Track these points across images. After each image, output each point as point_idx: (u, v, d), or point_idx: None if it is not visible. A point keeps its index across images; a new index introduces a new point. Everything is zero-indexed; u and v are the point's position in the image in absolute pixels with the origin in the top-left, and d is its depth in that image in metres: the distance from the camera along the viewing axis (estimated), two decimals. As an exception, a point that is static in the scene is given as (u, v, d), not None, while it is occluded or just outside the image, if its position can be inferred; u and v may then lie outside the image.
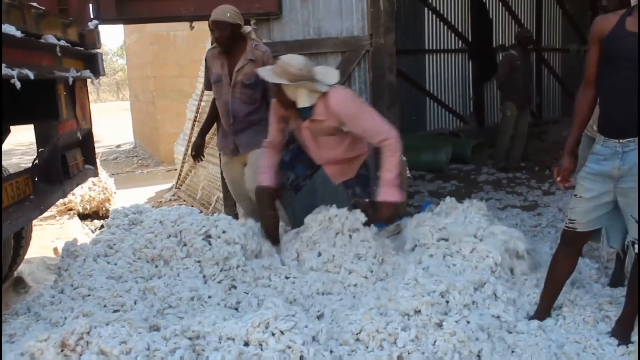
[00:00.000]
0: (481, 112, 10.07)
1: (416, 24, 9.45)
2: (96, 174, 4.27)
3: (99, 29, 4.05)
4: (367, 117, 3.39)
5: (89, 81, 3.85)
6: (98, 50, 3.98)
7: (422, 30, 9.56)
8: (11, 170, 3.68)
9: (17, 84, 2.48)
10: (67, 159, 3.56)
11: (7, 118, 3.20)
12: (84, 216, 6.57)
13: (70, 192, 4.05)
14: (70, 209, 6.43)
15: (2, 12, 2.53)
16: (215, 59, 4.01)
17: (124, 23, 7.97)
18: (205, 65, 4.19)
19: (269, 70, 3.43)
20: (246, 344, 2.46)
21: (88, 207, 6.60)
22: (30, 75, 2.62)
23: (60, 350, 2.32)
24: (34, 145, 3.50)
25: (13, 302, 3.41)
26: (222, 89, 4.00)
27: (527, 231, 4.78)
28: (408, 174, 4.67)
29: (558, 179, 2.80)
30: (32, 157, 3.52)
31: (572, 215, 2.76)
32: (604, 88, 2.63)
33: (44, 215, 4.68)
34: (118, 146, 14.93)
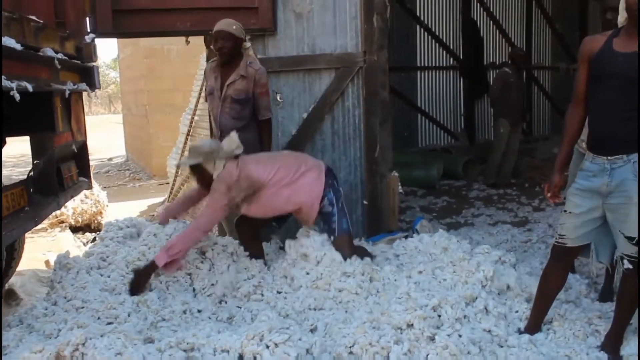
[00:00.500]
0: (472, 129, 10.19)
1: (408, 42, 9.58)
2: (90, 187, 4.28)
3: (95, 42, 4.09)
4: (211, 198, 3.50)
5: (84, 94, 3.88)
6: (94, 63, 4.02)
7: (414, 47, 9.69)
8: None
9: (17, 96, 2.50)
10: (62, 171, 3.58)
11: (4, 129, 3.21)
12: (75, 229, 6.56)
13: (65, 204, 4.05)
14: (62, 222, 6.42)
15: (2, 25, 2.56)
16: (212, 72, 4.07)
17: (120, 37, 8.04)
18: (204, 77, 4.25)
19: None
20: (241, 356, 2.48)
21: (80, 219, 6.60)
22: (29, 87, 2.65)
23: (55, 362, 2.33)
24: (25, 157, 3.52)
25: (5, 314, 3.40)
26: (214, 101, 4.05)
27: (518, 247, 4.83)
28: (400, 189, 4.71)
29: (548, 195, 2.84)
30: (24, 169, 3.54)
31: (562, 230, 2.81)
32: (592, 106, 2.69)
33: (36, 227, 4.67)
34: (110, 159, 14.91)
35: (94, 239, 6.15)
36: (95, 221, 6.71)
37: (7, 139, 3.63)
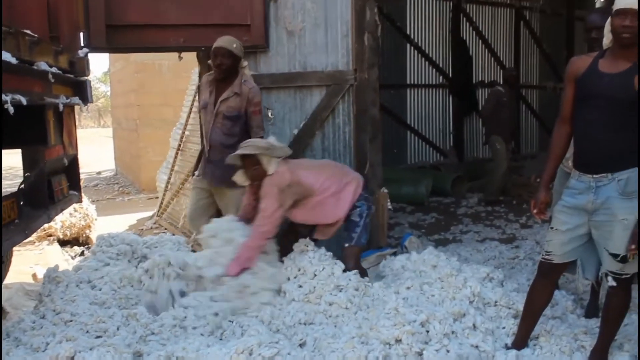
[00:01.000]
0: (461, 146, 10.30)
1: (398, 59, 9.69)
2: (80, 200, 4.29)
3: (89, 56, 4.12)
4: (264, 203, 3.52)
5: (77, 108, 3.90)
6: (87, 77, 4.04)
7: (404, 65, 9.80)
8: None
9: (11, 110, 2.52)
10: (52, 184, 3.59)
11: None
12: (63, 242, 6.51)
13: (55, 217, 4.05)
14: (50, 235, 6.37)
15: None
16: (207, 85, 4.11)
17: (113, 52, 8.05)
18: (199, 90, 4.27)
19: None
20: (230, 370, 2.48)
21: (68, 233, 6.53)
22: (23, 101, 2.67)
23: (44, 374, 2.32)
24: (13, 170, 3.52)
25: (-9, 328, 3.38)
26: (207, 115, 4.08)
27: (505, 263, 4.87)
28: (389, 206, 4.74)
29: (535, 211, 2.89)
30: (11, 182, 3.54)
31: (548, 247, 2.85)
32: (578, 125, 2.75)
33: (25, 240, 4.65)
34: (99, 173, 14.84)
35: (82, 253, 6.14)
36: (84, 235, 6.66)
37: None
